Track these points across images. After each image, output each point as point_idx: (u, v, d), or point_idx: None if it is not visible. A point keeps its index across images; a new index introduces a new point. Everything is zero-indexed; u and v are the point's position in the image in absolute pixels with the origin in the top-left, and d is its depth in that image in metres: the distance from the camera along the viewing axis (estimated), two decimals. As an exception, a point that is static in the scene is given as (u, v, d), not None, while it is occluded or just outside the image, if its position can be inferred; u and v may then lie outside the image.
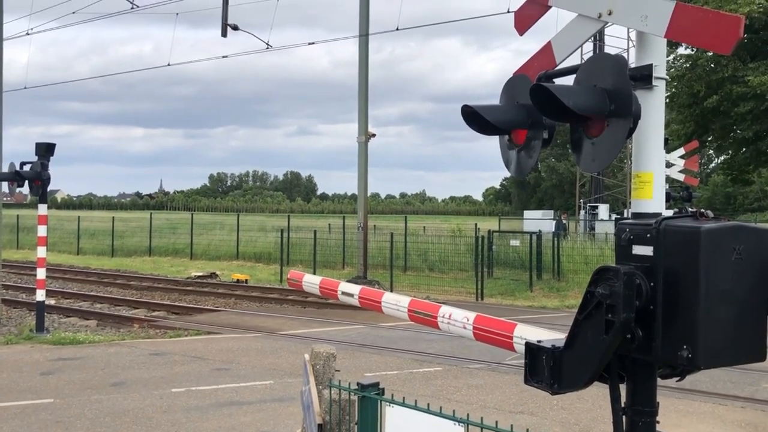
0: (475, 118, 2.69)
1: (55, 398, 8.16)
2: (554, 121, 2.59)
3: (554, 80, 2.63)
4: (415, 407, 3.02)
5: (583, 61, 2.51)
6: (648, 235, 2.22)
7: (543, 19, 2.95)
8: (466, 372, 9.80)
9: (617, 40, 43.93)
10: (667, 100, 28.02)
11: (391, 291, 16.91)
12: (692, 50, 25.71)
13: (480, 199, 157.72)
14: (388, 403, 3.16)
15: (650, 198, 2.43)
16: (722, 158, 34.62)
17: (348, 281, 4.73)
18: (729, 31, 2.13)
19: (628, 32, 36.53)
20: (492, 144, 2.85)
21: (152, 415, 7.54)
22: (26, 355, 10.79)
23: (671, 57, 27.19)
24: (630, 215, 2.51)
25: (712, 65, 25.47)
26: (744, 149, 28.54)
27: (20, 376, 9.30)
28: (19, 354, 10.88)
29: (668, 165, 13.30)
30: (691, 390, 8.52)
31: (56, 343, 11.62)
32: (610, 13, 2.48)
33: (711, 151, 35.03)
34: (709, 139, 29.00)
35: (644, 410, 2.35)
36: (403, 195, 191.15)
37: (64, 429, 7.06)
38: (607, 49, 40.20)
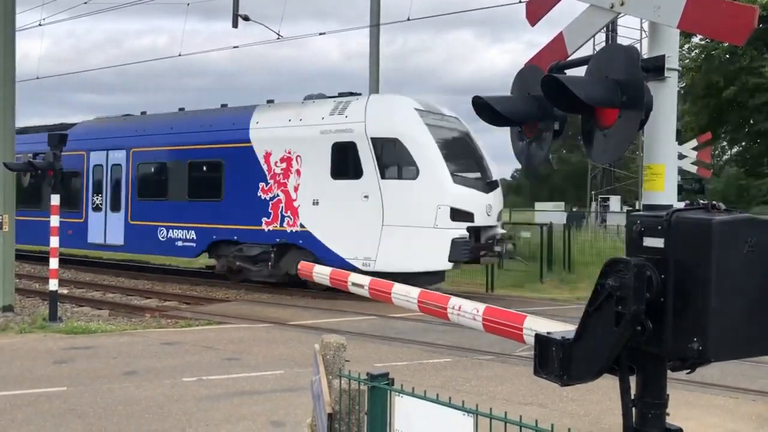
0: (486, 109, 2.68)
1: (69, 386, 8.24)
2: (565, 113, 2.58)
3: (566, 71, 2.62)
4: (425, 398, 3.03)
5: (595, 52, 2.49)
6: (659, 227, 2.21)
7: (555, 11, 2.93)
8: (476, 363, 9.81)
9: (630, 31, 43.58)
10: (681, 92, 27.83)
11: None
12: (707, 40, 25.47)
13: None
14: (397, 394, 3.18)
15: (662, 190, 2.43)
16: (736, 150, 34.36)
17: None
18: (742, 22, 2.12)
19: (641, 23, 36.21)
20: (503, 135, 2.85)
21: (164, 403, 7.60)
22: (40, 343, 10.91)
23: (685, 47, 26.96)
24: (641, 207, 2.50)
25: (727, 56, 25.23)
26: (758, 141, 28.30)
27: (34, 365, 9.40)
28: (32, 343, 10.99)
29: (681, 157, 13.23)
30: (702, 383, 8.48)
31: (69, 333, 11.73)
32: (622, 4, 2.47)
33: (724, 143, 34.74)
34: (723, 131, 28.78)
35: (654, 402, 2.35)
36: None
37: (78, 417, 7.14)
38: (620, 40, 39.91)
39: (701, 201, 2.28)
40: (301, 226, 16.83)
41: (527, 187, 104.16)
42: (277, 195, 17.29)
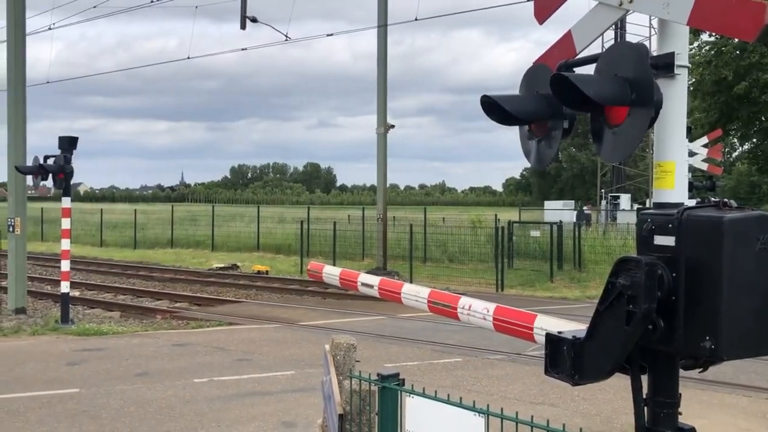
0: (495, 109, 2.67)
1: (81, 388, 8.29)
2: (575, 111, 2.56)
3: (574, 69, 2.61)
4: (436, 398, 3.03)
5: (604, 50, 2.48)
6: (670, 225, 2.20)
7: (564, 9, 2.92)
8: (487, 363, 9.79)
9: (639, 28, 43.33)
10: (691, 88, 27.67)
11: (411, 282, 16.92)
12: (716, 37, 25.32)
13: (500, 189, 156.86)
14: (408, 394, 3.17)
15: (672, 188, 2.40)
16: (747, 147, 34.13)
17: (367, 272, 4.75)
18: (753, 18, 2.10)
19: (650, 20, 36.00)
20: (511, 134, 2.84)
21: (176, 404, 7.64)
22: (52, 345, 10.98)
23: (695, 44, 26.79)
24: (652, 205, 2.48)
25: (738, 52, 25.08)
26: (770, 137, 28.08)
27: (47, 367, 9.46)
28: (45, 345, 11.07)
29: (691, 154, 13.12)
30: (714, 381, 8.43)
31: (81, 334, 11.80)
32: (630, 1, 2.45)
33: (735, 140, 34.50)
34: (734, 127, 28.59)
35: (666, 401, 2.33)
36: (422, 186, 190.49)
37: (90, 418, 7.18)
38: (629, 37, 39.69)
39: (712, 198, 2.27)
40: None
41: (537, 185, 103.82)
42: None
